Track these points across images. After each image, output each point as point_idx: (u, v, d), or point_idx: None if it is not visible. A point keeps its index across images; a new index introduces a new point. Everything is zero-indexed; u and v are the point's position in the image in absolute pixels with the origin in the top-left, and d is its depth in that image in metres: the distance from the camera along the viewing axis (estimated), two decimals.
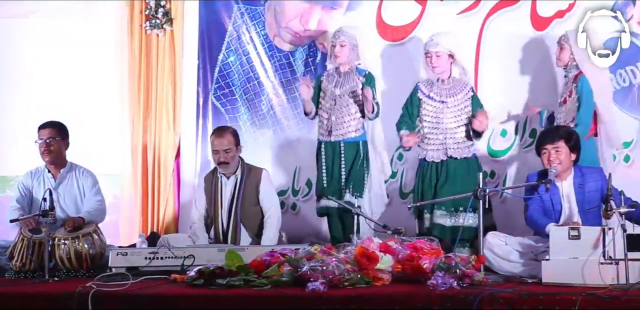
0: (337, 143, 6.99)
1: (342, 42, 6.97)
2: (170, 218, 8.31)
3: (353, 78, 6.99)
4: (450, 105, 6.77)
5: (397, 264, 5.27)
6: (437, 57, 6.72)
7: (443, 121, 6.77)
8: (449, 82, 6.80)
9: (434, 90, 6.82)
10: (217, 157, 6.75)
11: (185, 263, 5.84)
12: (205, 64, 8.38)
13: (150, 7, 8.47)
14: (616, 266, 4.90)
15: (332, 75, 7.09)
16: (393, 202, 7.50)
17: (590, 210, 5.80)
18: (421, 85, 6.88)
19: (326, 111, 7.03)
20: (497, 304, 4.53)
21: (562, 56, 6.62)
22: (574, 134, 6.01)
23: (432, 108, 6.81)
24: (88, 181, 6.85)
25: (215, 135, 6.83)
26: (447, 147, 6.73)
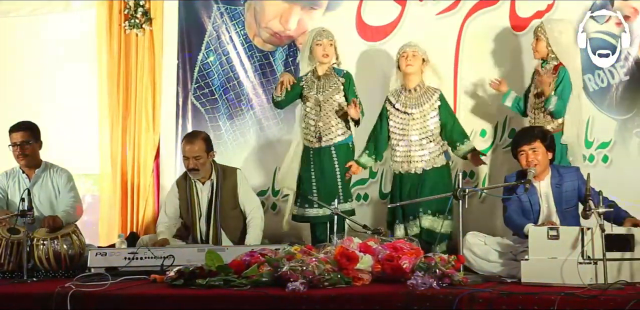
0: (327, 148, 6.94)
1: (331, 41, 6.94)
2: (149, 218, 8.29)
3: (333, 80, 6.95)
4: (415, 116, 6.73)
5: (376, 264, 5.28)
6: (412, 56, 6.70)
7: (408, 133, 6.75)
8: (416, 91, 6.76)
9: (400, 101, 6.77)
10: (187, 163, 6.67)
11: (165, 263, 5.82)
12: (184, 63, 8.37)
13: (130, 7, 8.45)
14: (594, 266, 4.92)
15: (311, 80, 6.99)
16: (373, 202, 7.51)
17: (567, 210, 5.83)
18: (389, 96, 6.85)
19: (312, 118, 6.95)
20: (477, 303, 4.54)
21: (539, 48, 6.59)
22: (549, 133, 6.05)
23: (398, 119, 6.78)
24: (62, 179, 6.81)
25: (185, 142, 6.73)
26: (410, 160, 6.72)
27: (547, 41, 6.54)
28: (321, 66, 6.98)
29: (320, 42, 6.93)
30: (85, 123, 8.62)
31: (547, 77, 6.42)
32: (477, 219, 6.77)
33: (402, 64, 6.72)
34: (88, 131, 8.58)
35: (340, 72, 6.99)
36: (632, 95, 6.95)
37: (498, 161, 7.24)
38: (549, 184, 5.90)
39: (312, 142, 6.94)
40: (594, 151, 6.97)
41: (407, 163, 6.71)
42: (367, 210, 7.45)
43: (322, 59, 6.94)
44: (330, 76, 6.95)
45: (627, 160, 6.90)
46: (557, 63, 6.54)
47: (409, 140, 6.72)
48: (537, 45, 6.60)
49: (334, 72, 6.97)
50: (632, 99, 6.95)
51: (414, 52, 6.70)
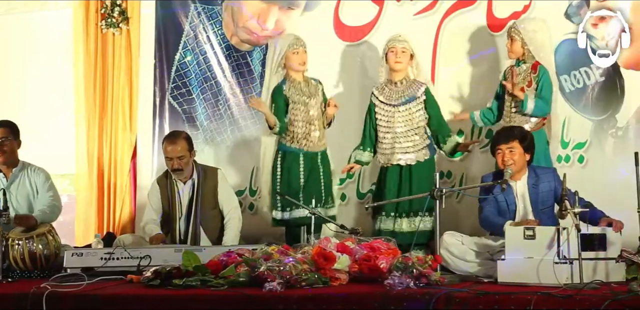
0: (314, 153, 6.95)
1: (305, 49, 6.94)
2: (126, 218, 8.27)
3: (315, 85, 6.96)
4: (401, 109, 6.77)
5: (354, 264, 5.28)
6: (402, 53, 6.72)
7: (394, 125, 6.78)
8: (402, 84, 6.79)
9: (385, 94, 6.81)
10: (171, 163, 6.67)
11: (142, 263, 5.80)
12: (162, 63, 8.35)
13: (106, 6, 8.43)
14: (570, 266, 4.94)
15: (293, 86, 6.96)
16: (350, 203, 7.52)
17: (543, 211, 5.85)
18: (375, 90, 6.87)
19: (301, 121, 6.92)
20: (453, 303, 4.54)
21: (515, 48, 6.59)
22: (529, 135, 6.05)
23: (384, 112, 6.80)
24: (40, 178, 6.77)
25: (168, 142, 6.71)
26: (394, 152, 6.74)
27: (522, 41, 6.56)
28: (298, 74, 6.95)
29: (297, 51, 6.92)
30: (61, 123, 8.59)
31: (516, 80, 6.44)
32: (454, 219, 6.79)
33: (391, 60, 6.73)
34: (64, 131, 8.55)
35: (315, 79, 7.02)
36: (608, 96, 6.99)
37: (475, 161, 7.26)
38: (525, 184, 5.92)
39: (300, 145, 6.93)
40: (570, 151, 7.01)
41: (392, 154, 6.72)
42: (344, 211, 7.44)
43: (299, 67, 6.93)
44: (309, 81, 6.95)
45: (603, 161, 6.93)
46: (534, 62, 6.56)
47: (394, 132, 6.73)
48: (512, 45, 6.62)
49: (309, 79, 6.98)
50: (608, 99, 6.99)
51: (403, 49, 6.71)
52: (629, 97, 6.92)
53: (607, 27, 7.04)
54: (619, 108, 6.96)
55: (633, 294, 4.39)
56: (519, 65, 6.61)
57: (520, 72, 6.59)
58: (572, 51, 7.11)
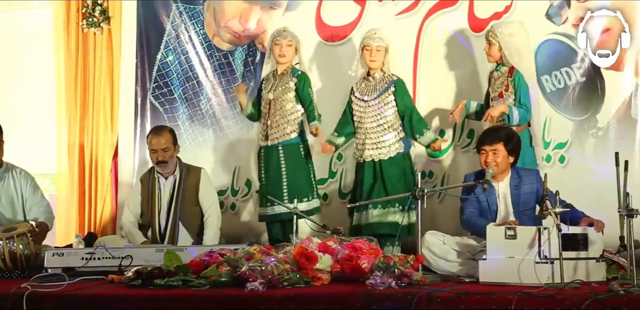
0: (274, 147, 6.95)
1: (290, 42, 6.93)
2: (107, 218, 8.25)
3: (285, 80, 6.96)
4: (371, 103, 6.78)
5: (336, 263, 5.28)
6: (377, 51, 6.74)
7: (364, 121, 6.80)
8: (375, 79, 6.80)
9: (359, 90, 6.84)
10: (156, 156, 6.73)
11: (123, 263, 5.79)
12: (143, 63, 8.33)
13: (87, 5, 8.41)
14: (551, 265, 4.96)
15: (269, 79, 7.01)
16: (332, 202, 7.52)
17: (525, 212, 5.85)
18: (353, 86, 6.91)
19: (264, 116, 6.99)
20: (435, 303, 4.55)
21: (492, 52, 6.59)
22: (515, 137, 6.02)
23: (358, 107, 6.84)
24: (28, 184, 6.76)
25: (153, 135, 6.81)
26: (365, 148, 6.76)
27: (500, 45, 6.57)
28: (280, 66, 6.98)
29: (278, 42, 6.93)
30: (42, 122, 8.56)
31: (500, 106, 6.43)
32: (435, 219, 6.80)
33: (366, 58, 6.76)
34: (45, 130, 8.52)
35: (295, 72, 6.98)
36: (589, 96, 7.02)
37: (457, 161, 7.27)
38: (507, 185, 5.92)
39: (262, 141, 6.98)
40: (551, 151, 7.03)
41: (363, 150, 6.75)
42: (326, 210, 7.45)
43: (278, 59, 6.94)
44: (286, 76, 6.95)
45: (584, 161, 6.96)
46: (510, 66, 6.58)
47: (365, 127, 6.76)
48: (490, 49, 6.62)
49: (290, 72, 6.96)
50: (588, 100, 7.01)
51: (378, 47, 6.73)
52: (610, 97, 6.94)
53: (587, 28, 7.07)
54: (599, 108, 6.98)
55: (613, 294, 4.41)
56: (498, 69, 6.62)
57: (498, 76, 6.60)
58: (553, 51, 7.14)
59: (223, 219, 6.93)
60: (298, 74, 6.98)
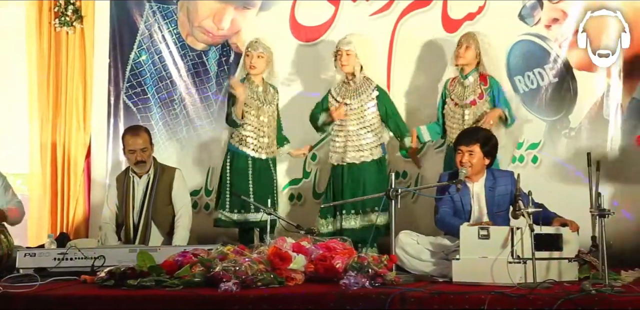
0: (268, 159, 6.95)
1: (261, 54, 6.90)
2: (80, 218, 8.21)
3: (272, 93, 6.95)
4: (353, 106, 6.78)
5: (310, 263, 5.28)
6: (347, 56, 6.74)
7: (346, 124, 6.79)
8: (354, 82, 6.80)
9: (340, 93, 6.83)
10: (134, 156, 6.72)
11: (96, 264, 5.76)
12: (116, 62, 8.30)
13: (60, 5, 8.35)
14: (524, 265, 4.98)
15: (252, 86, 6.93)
16: (306, 203, 7.52)
17: (498, 213, 5.86)
18: (332, 89, 6.90)
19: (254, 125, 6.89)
20: (409, 303, 4.56)
21: (468, 54, 6.57)
22: (492, 140, 6.01)
23: None
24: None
25: (130, 135, 6.79)
26: (347, 150, 6.76)
27: (478, 50, 6.58)
28: (256, 77, 6.94)
29: (249, 53, 6.92)
30: (14, 122, 8.50)
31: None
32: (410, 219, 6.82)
33: (338, 63, 6.76)
34: (18, 130, 8.46)
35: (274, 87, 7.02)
36: (561, 97, 7.07)
37: (430, 162, 7.29)
38: (482, 186, 5.93)
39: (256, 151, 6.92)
40: (524, 152, 7.07)
41: (345, 153, 6.74)
42: (300, 210, 7.45)
43: (249, 70, 6.93)
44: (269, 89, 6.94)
45: (556, 161, 7.00)
46: (481, 73, 6.59)
47: (347, 130, 6.75)
48: (465, 51, 6.61)
49: (269, 86, 6.97)
50: (561, 100, 7.06)
51: (348, 51, 6.73)
52: (582, 98, 7.00)
53: (560, 29, 7.11)
54: (571, 109, 7.04)
55: (585, 293, 4.43)
56: (466, 78, 6.62)
57: (467, 85, 6.61)
58: (526, 52, 7.18)
59: (197, 219, 6.92)
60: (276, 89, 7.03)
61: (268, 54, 6.93)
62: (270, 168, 6.97)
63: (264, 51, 6.91)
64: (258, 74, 6.93)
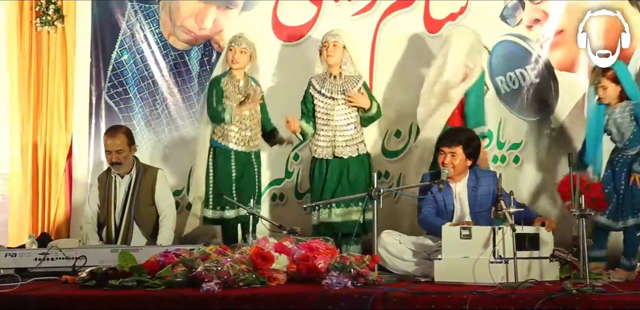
0: (251, 152, 6.92)
1: (243, 49, 6.88)
2: (61, 218, 8.18)
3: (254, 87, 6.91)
4: (340, 102, 6.77)
5: (292, 263, 5.28)
6: (333, 47, 6.72)
7: (333, 118, 6.78)
8: (340, 78, 6.80)
9: (325, 87, 6.81)
10: (110, 157, 6.72)
11: (77, 264, 5.74)
12: (98, 62, 8.28)
13: (41, 4, 8.32)
14: (506, 265, 4.99)
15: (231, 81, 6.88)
16: (289, 202, 7.52)
17: (481, 214, 5.88)
18: (313, 81, 6.86)
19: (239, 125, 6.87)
20: (391, 303, 4.57)
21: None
22: (475, 141, 6.01)
23: (323, 104, 6.81)
24: None
25: (107, 136, 6.78)
26: (335, 145, 6.76)
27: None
28: (238, 71, 6.92)
29: (232, 48, 6.89)
30: None
31: None
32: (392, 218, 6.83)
33: (324, 54, 6.75)
34: None
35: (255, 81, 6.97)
36: (543, 97, 7.09)
37: (412, 162, 7.29)
38: (465, 186, 5.94)
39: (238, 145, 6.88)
40: (506, 152, 7.09)
41: (331, 148, 6.74)
42: (283, 210, 7.45)
43: (231, 65, 6.90)
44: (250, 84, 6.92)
45: (538, 161, 7.02)
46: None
47: (334, 125, 6.75)
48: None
49: (250, 80, 6.94)
50: (543, 101, 7.09)
51: (335, 42, 6.72)
52: (563, 98, 7.02)
53: (541, 29, 7.14)
54: (553, 109, 7.06)
55: (566, 293, 4.45)
56: None
57: None
58: (508, 53, 7.21)
59: (179, 219, 6.91)
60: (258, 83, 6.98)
61: (251, 50, 6.91)
62: (252, 162, 6.92)
63: (247, 47, 6.89)
64: (240, 68, 6.91)
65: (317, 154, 6.81)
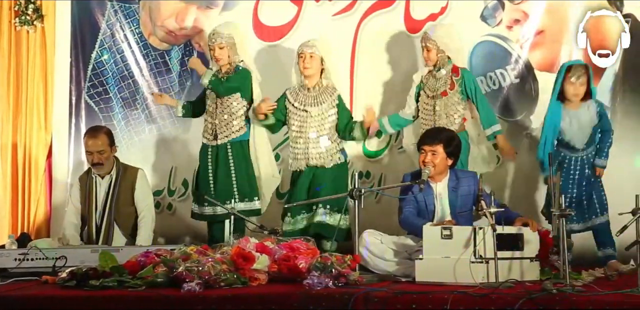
0: (223, 145, 6.91)
1: (221, 44, 6.89)
2: (41, 218, 8.15)
3: (233, 78, 6.91)
4: (313, 114, 6.77)
5: (273, 264, 5.28)
6: (310, 58, 6.72)
7: (306, 131, 6.77)
8: (315, 90, 6.79)
9: (298, 99, 6.81)
10: (91, 158, 6.72)
11: (57, 264, 5.72)
12: (78, 61, 8.25)
13: (20, 3, 8.28)
14: (486, 265, 5.00)
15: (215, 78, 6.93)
16: (270, 203, 7.50)
17: (461, 214, 5.89)
18: (288, 93, 6.87)
19: (210, 115, 6.93)
20: (372, 303, 4.58)
21: (431, 56, 6.62)
22: (455, 140, 6.03)
23: (297, 117, 6.81)
24: None
25: (88, 136, 6.78)
26: (308, 157, 6.75)
27: (438, 49, 6.61)
28: (224, 66, 6.93)
29: (212, 46, 6.90)
30: None
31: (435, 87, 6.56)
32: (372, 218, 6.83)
33: (300, 65, 6.74)
34: None
35: (237, 69, 6.92)
36: (523, 97, 7.12)
37: (394, 162, 7.32)
38: (445, 186, 5.96)
39: (209, 140, 6.92)
40: None
41: (306, 160, 6.74)
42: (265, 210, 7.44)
43: (215, 63, 6.91)
44: (231, 75, 6.91)
45: (518, 161, 7.04)
46: (453, 65, 6.63)
47: (307, 137, 6.74)
48: (428, 55, 6.64)
49: (233, 70, 6.92)
50: (523, 101, 7.12)
51: (311, 54, 6.72)
52: (543, 98, 7.03)
53: (521, 30, 7.16)
54: (533, 109, 7.09)
55: (546, 293, 4.47)
56: (439, 70, 6.66)
57: (439, 77, 6.65)
58: (488, 53, 7.23)
59: (160, 220, 6.90)
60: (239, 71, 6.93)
61: (228, 40, 6.88)
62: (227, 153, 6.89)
63: (223, 40, 6.87)
64: (224, 64, 6.90)
65: (291, 166, 6.83)
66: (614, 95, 6.91)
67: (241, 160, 6.91)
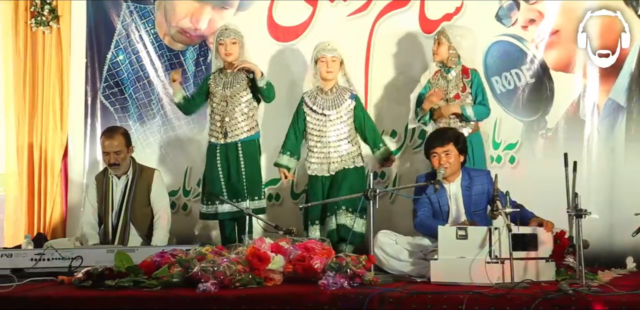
0: (233, 144, 6.91)
1: (233, 40, 6.89)
2: (57, 219, 8.17)
3: (241, 77, 6.91)
4: (332, 117, 6.76)
5: (288, 264, 5.29)
6: (332, 62, 6.72)
7: (326, 134, 6.76)
8: (332, 92, 6.78)
9: (317, 103, 6.79)
10: (108, 158, 6.74)
11: (73, 264, 5.74)
12: (93, 62, 8.27)
13: (36, 4, 8.31)
14: (502, 265, 5.00)
15: (219, 77, 6.96)
16: (284, 203, 7.53)
17: (476, 213, 5.89)
18: (305, 97, 6.85)
19: (219, 113, 6.92)
20: (387, 303, 4.58)
21: (440, 51, 6.58)
22: (462, 137, 6.09)
23: (316, 121, 6.79)
24: None
25: (105, 137, 6.80)
26: (330, 161, 6.74)
27: (450, 45, 6.60)
28: (229, 64, 6.93)
29: (222, 42, 6.89)
30: None
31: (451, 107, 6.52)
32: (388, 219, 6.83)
33: (322, 69, 6.72)
34: None
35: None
36: (538, 97, 7.09)
37: (408, 162, 7.31)
38: (459, 186, 5.96)
39: (218, 139, 6.91)
40: (501, 152, 7.09)
41: (327, 164, 6.73)
42: (279, 211, 7.45)
43: (225, 58, 6.90)
44: (238, 72, 6.91)
45: (533, 161, 7.03)
46: (462, 66, 6.62)
47: (326, 141, 6.74)
48: (438, 48, 6.62)
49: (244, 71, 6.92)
50: (538, 101, 7.09)
51: (333, 58, 6.71)
52: (558, 98, 7.03)
53: (536, 29, 7.14)
54: (548, 109, 7.07)
55: (562, 293, 4.46)
56: (449, 72, 6.63)
57: (450, 79, 6.63)
58: (503, 53, 7.21)
59: (175, 220, 6.90)
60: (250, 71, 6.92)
61: (240, 38, 6.91)
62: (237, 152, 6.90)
63: (236, 36, 6.89)
64: (234, 60, 6.89)
65: (312, 170, 6.80)
66: (630, 95, 6.87)
67: (251, 159, 6.91)
